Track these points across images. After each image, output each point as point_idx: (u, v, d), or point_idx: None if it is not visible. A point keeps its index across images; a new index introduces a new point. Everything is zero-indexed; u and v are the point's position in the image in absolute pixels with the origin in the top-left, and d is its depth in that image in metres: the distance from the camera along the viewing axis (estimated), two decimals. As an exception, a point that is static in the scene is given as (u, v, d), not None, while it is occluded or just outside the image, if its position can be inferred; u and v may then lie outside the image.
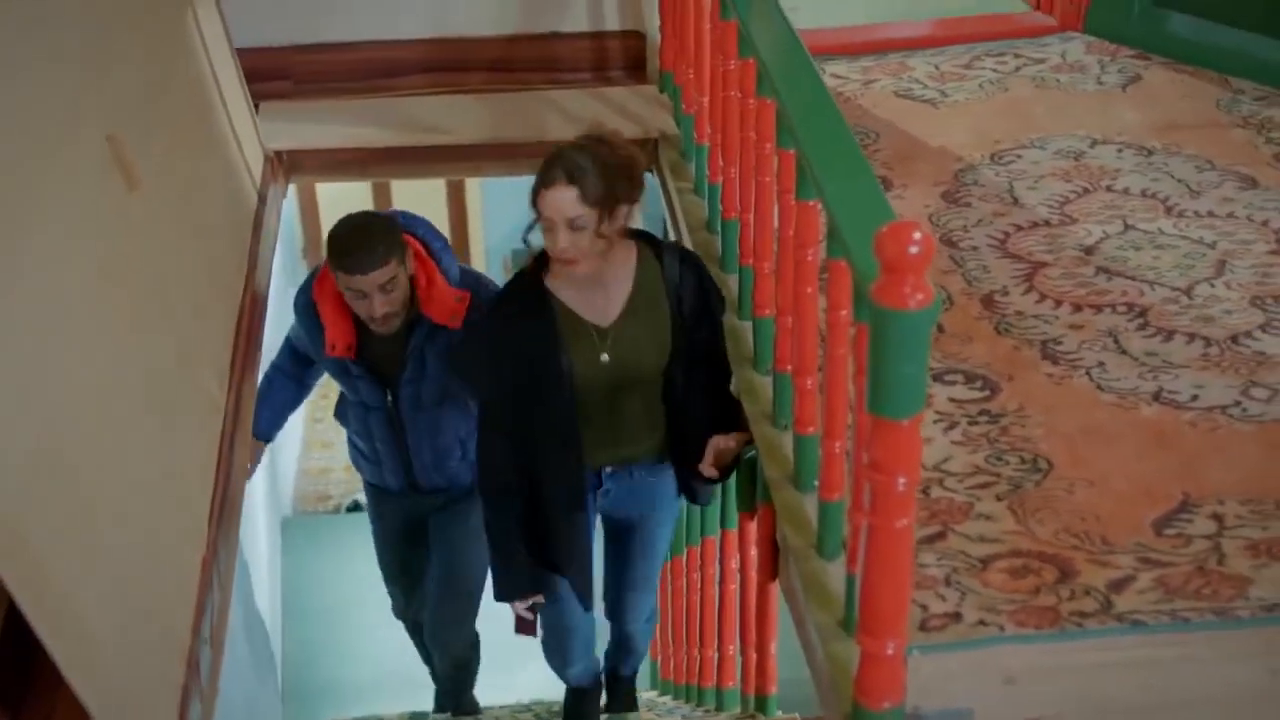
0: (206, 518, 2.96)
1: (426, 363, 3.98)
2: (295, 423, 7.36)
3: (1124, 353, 3.36)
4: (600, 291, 3.39)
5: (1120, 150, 4.26)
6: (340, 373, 4.08)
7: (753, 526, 3.45)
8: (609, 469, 3.63)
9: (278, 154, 4.62)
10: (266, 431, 4.34)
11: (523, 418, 3.46)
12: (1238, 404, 3.18)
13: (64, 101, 2.79)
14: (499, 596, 3.70)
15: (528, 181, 3.27)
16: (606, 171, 3.18)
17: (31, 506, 2.16)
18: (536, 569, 3.64)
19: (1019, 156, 4.25)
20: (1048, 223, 3.91)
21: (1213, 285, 3.60)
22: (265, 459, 4.75)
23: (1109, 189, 4.06)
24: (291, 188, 4.92)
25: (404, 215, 3.94)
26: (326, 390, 5.10)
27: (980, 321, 3.50)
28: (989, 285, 3.63)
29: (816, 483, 2.77)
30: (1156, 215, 3.91)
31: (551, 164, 3.18)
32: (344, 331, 3.91)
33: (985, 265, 3.72)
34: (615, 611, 4.15)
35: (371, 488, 4.55)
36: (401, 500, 4.44)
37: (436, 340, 3.93)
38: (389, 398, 4.09)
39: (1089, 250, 3.77)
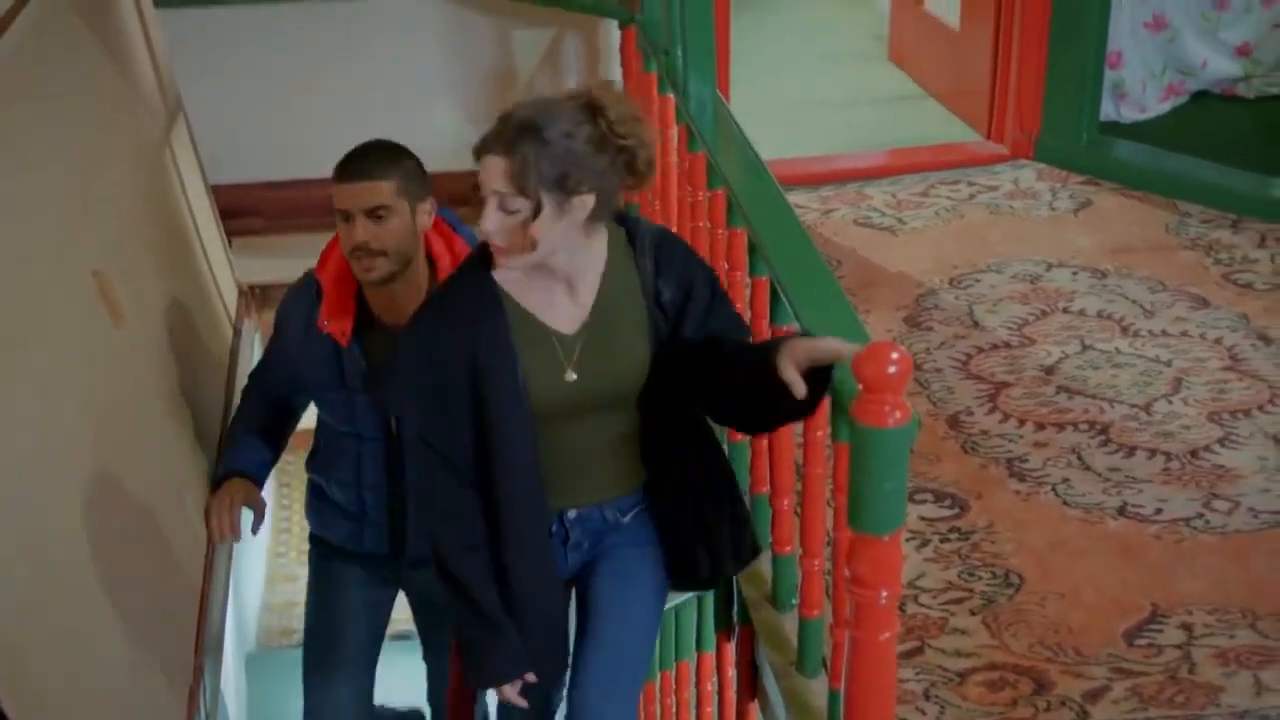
0: (193, 646, 2.98)
1: None
2: (258, 555, 7.34)
3: (1088, 469, 3.45)
4: (562, 289, 2.63)
5: (1075, 273, 4.38)
6: (331, 384, 3.25)
7: (730, 648, 3.49)
8: (572, 512, 2.79)
9: (251, 288, 4.69)
10: (256, 471, 3.44)
11: (464, 457, 2.69)
12: (1200, 516, 3.26)
13: (52, 239, 2.87)
14: (484, 680, 2.81)
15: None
16: (572, 153, 2.44)
17: (28, 633, 2.19)
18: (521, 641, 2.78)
19: (977, 280, 4.36)
20: (1008, 344, 4.01)
21: (1170, 402, 3.70)
22: (230, 593, 3.84)
23: (1066, 310, 4.17)
24: (264, 321, 4.99)
25: (453, 216, 3.29)
26: (291, 524, 4.89)
27: (947, 441, 3.58)
28: (954, 406, 3.72)
29: (795, 601, 2.83)
30: (1113, 335, 4.02)
31: (501, 122, 2.46)
32: (344, 308, 3.19)
33: (949, 386, 3.81)
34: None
35: (330, 552, 3.50)
36: (373, 569, 3.48)
37: None
38: (392, 422, 3.26)
39: (1049, 370, 3.86)
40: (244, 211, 4.88)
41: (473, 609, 2.73)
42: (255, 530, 3.37)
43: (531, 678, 2.78)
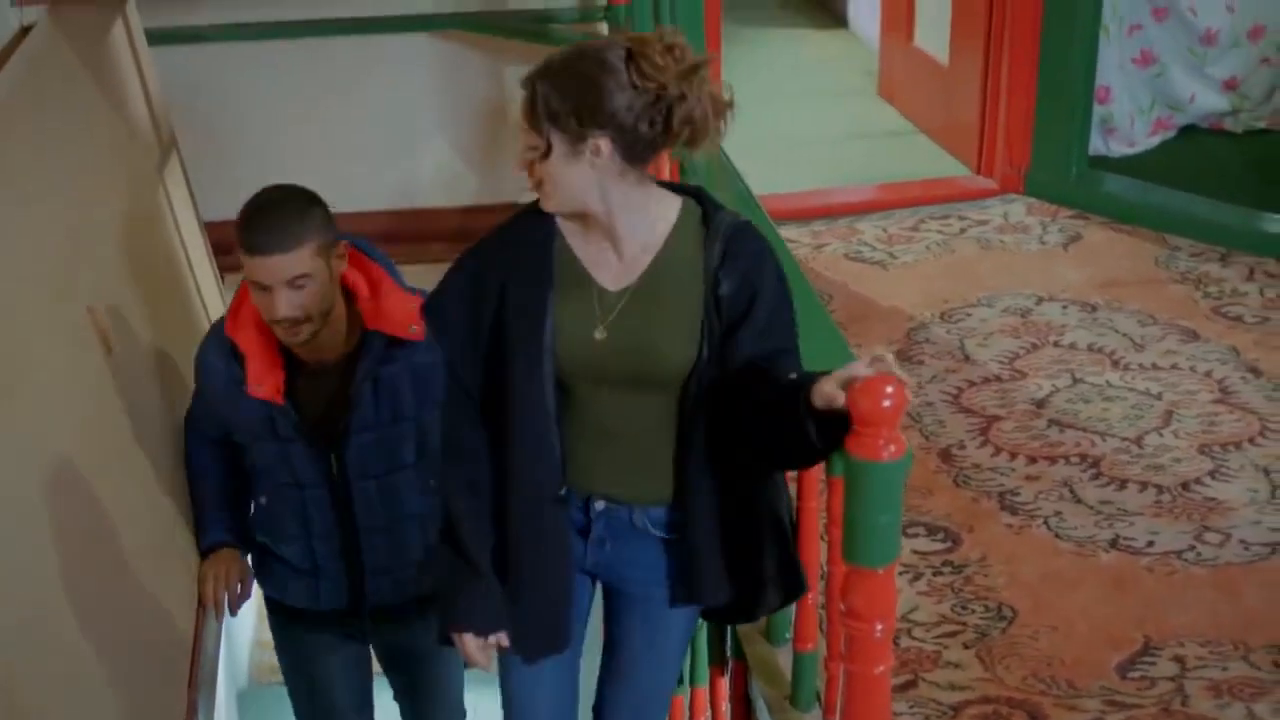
0: (186, 682, 2.98)
1: (381, 398, 3.02)
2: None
3: (1080, 502, 3.46)
4: (610, 247, 2.47)
5: (1065, 307, 4.39)
6: (264, 436, 3.06)
7: (724, 682, 3.49)
8: (599, 503, 2.58)
9: (243, 324, 4.68)
10: (238, 538, 3.25)
11: (491, 401, 2.53)
12: (1192, 548, 3.27)
13: (47, 275, 2.89)
14: (449, 625, 2.61)
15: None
16: (586, 87, 2.29)
17: (21, 670, 2.19)
18: (503, 601, 2.59)
19: (968, 314, 4.38)
20: (999, 378, 4.02)
21: (1161, 435, 3.71)
22: (222, 629, 3.50)
23: (1056, 344, 4.18)
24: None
25: (357, 239, 3.11)
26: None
27: (939, 475, 3.59)
28: (946, 439, 3.73)
29: (789, 635, 2.83)
30: (1104, 368, 4.04)
31: (537, 68, 2.36)
32: (271, 365, 3.00)
33: (941, 420, 3.82)
34: None
35: (290, 616, 3.34)
36: (337, 627, 3.30)
37: (394, 363, 3.01)
38: (332, 464, 3.07)
39: (1040, 404, 3.88)
40: (237, 247, 4.89)
41: (454, 549, 2.57)
42: (235, 612, 3.24)
43: (504, 641, 2.60)
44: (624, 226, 2.42)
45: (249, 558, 3.28)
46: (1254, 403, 3.83)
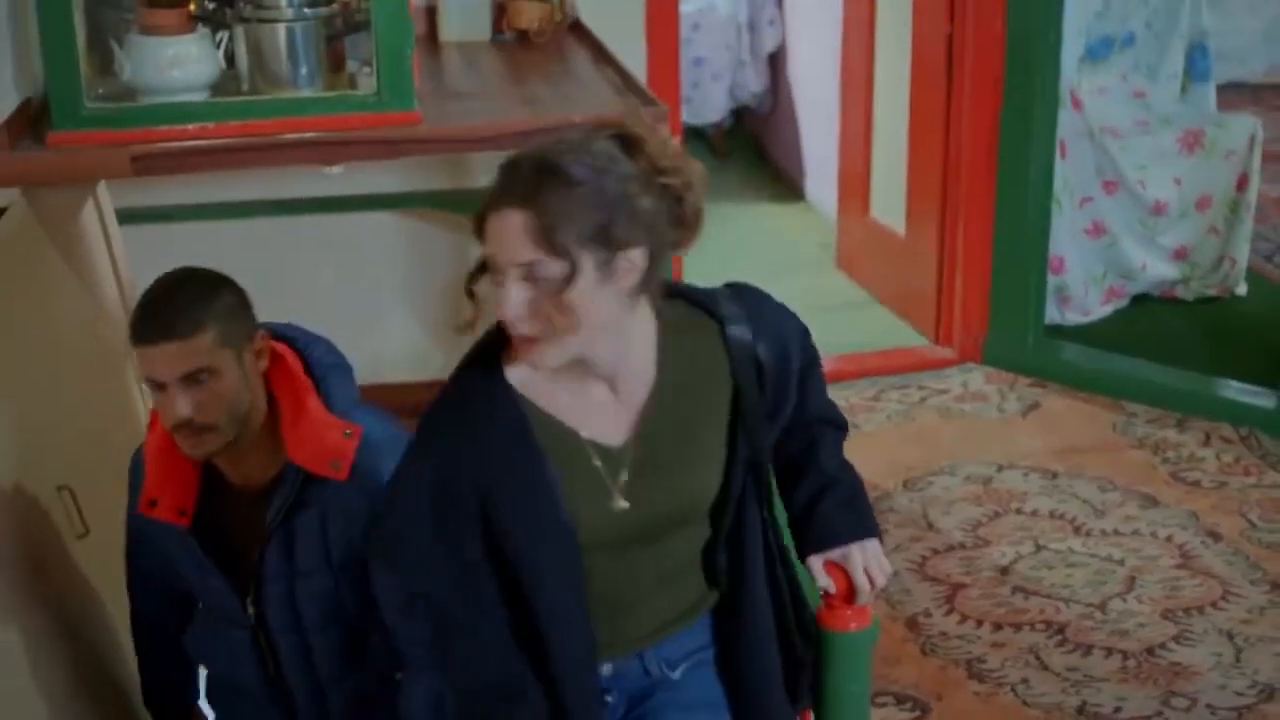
0: None
1: (293, 545, 2.50)
2: None
3: (1046, 668, 3.48)
4: (603, 389, 2.04)
5: (1026, 474, 4.44)
6: (181, 560, 2.58)
7: None
8: (606, 667, 2.17)
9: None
10: (194, 699, 2.85)
11: (493, 606, 2.08)
12: (1160, 714, 3.29)
13: (17, 457, 2.90)
14: None
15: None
16: (612, 194, 1.89)
17: None
18: None
19: (931, 483, 4.42)
20: (963, 545, 4.05)
21: (1125, 600, 3.74)
22: None
23: (1019, 511, 4.22)
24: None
25: (290, 327, 2.66)
26: None
27: (906, 643, 3.60)
28: (912, 608, 3.75)
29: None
30: (1066, 535, 4.08)
31: (510, 169, 1.91)
32: (179, 479, 2.51)
33: (907, 589, 3.84)
34: None
35: None
36: None
37: (311, 505, 2.48)
38: (249, 609, 2.55)
39: (1005, 570, 3.91)
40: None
41: None
42: None
43: None
44: (625, 359, 2.01)
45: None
46: (1215, 567, 3.88)
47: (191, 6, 3.52)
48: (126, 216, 4.47)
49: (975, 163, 5.03)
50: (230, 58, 3.53)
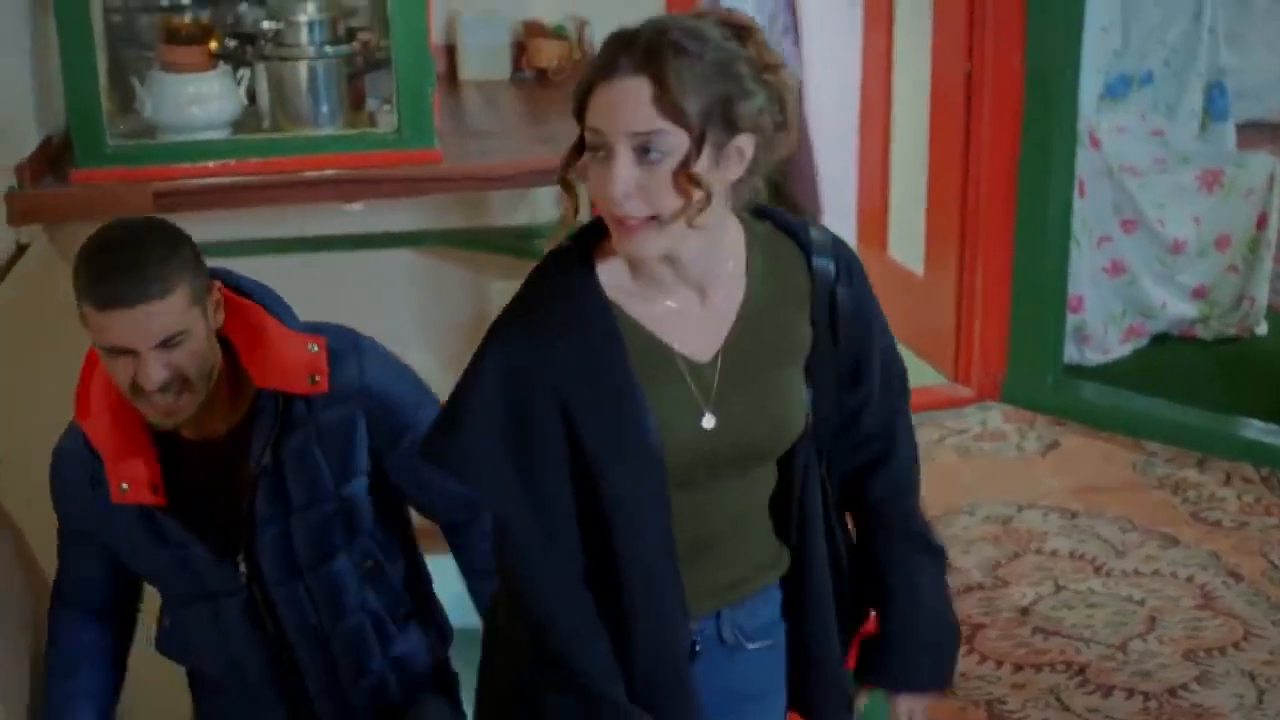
0: None
1: (288, 478, 2.33)
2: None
3: (1067, 709, 3.45)
4: (695, 298, 1.91)
5: (1046, 514, 4.42)
6: (148, 544, 2.37)
7: None
8: (699, 616, 2.00)
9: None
10: None
11: (570, 539, 1.91)
12: (1182, 757, 3.26)
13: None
14: None
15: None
16: (728, 71, 1.77)
17: None
18: None
19: (950, 523, 4.40)
20: (983, 585, 4.03)
21: (1146, 641, 3.72)
22: None
23: (1038, 551, 4.20)
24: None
25: (225, 271, 2.41)
26: None
27: (926, 683, 3.58)
28: (931, 647, 3.73)
29: None
30: (1086, 575, 4.05)
31: (618, 39, 1.78)
32: (138, 455, 2.30)
33: (926, 628, 3.82)
34: None
35: None
36: None
37: (297, 429, 2.33)
38: (240, 566, 2.38)
39: (1025, 611, 3.88)
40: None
41: None
42: None
43: None
44: (715, 259, 1.89)
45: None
46: (1236, 608, 3.85)
47: (213, 44, 3.55)
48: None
49: (994, 201, 5.03)
50: (251, 95, 3.56)
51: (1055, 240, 5.01)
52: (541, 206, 4.87)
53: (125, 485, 2.29)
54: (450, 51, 4.46)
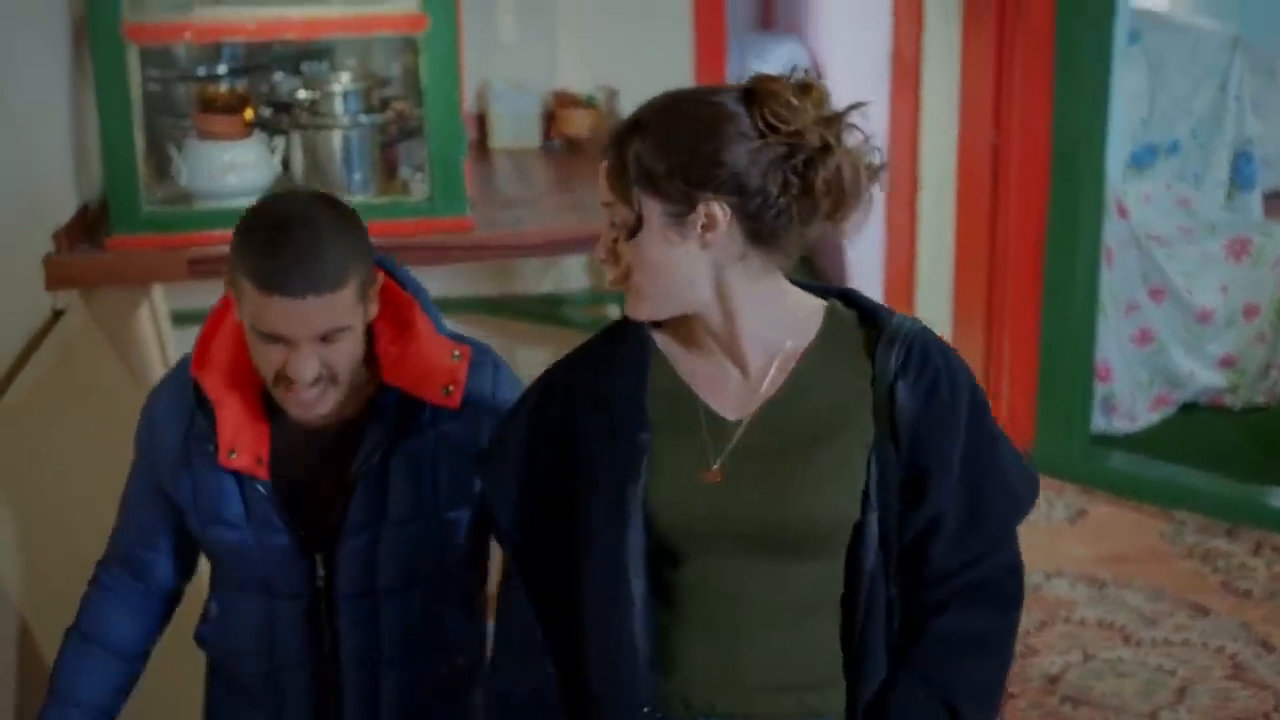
0: None
1: (396, 483, 2.17)
2: None
3: (1097, 780, 3.43)
4: (729, 362, 1.87)
5: (1074, 582, 4.41)
6: (227, 520, 2.20)
7: None
8: (700, 709, 1.86)
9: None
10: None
11: (562, 578, 1.89)
12: (1213, 829, 3.24)
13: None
14: None
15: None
16: (694, 140, 1.76)
17: None
18: None
19: (978, 590, 4.39)
20: (1011, 654, 4.01)
21: (1176, 711, 3.70)
22: None
23: (1067, 620, 4.19)
24: None
25: (388, 259, 2.28)
26: None
27: (955, 753, 3.56)
28: (960, 716, 3.71)
29: None
30: (1115, 644, 4.03)
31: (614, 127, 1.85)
32: (250, 423, 2.16)
33: (954, 697, 3.80)
34: None
35: None
36: None
37: (419, 434, 2.17)
38: (318, 570, 2.20)
39: (1053, 680, 3.87)
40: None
41: None
42: None
43: None
44: (749, 329, 1.84)
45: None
46: (1268, 678, 3.83)
47: (249, 113, 3.59)
48: (179, 318, 4.53)
49: (1021, 269, 5.04)
50: (286, 163, 3.60)
51: (1083, 309, 5.02)
52: (569, 274, 4.91)
53: (235, 450, 2.13)
54: (481, 120, 4.50)
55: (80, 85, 3.62)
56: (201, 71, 3.79)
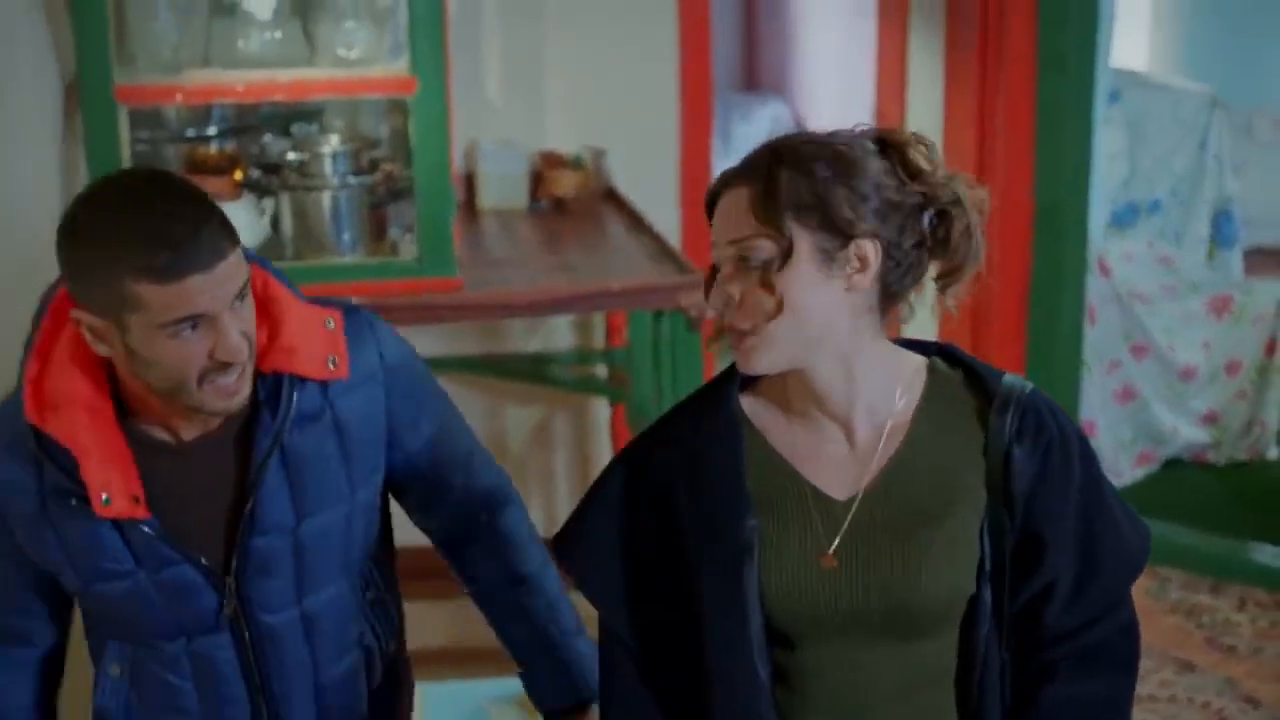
0: None
1: (297, 478, 1.98)
2: None
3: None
4: (837, 430, 1.76)
5: (1060, 638, 4.41)
6: (114, 573, 1.95)
7: None
8: None
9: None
10: None
11: (670, 667, 1.81)
12: None
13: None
14: None
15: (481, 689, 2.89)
16: (846, 179, 1.67)
17: None
18: None
19: (964, 647, 4.39)
20: (998, 711, 4.01)
21: (1163, 768, 3.70)
22: None
23: (1054, 676, 4.18)
24: None
25: None
26: None
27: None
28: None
29: None
30: (1102, 701, 4.03)
31: (750, 153, 1.72)
32: (115, 460, 1.89)
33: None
34: None
35: None
36: None
37: (312, 420, 1.98)
38: (225, 595, 1.97)
39: (1041, 737, 3.86)
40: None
41: None
42: None
43: None
44: (865, 393, 1.74)
45: None
46: (1253, 735, 3.83)
47: (238, 174, 3.61)
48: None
49: (1005, 327, 5.07)
50: (275, 223, 3.61)
51: (1066, 366, 5.04)
52: (557, 334, 4.94)
53: (109, 498, 1.87)
54: (469, 180, 4.53)
55: (70, 144, 3.63)
56: (191, 133, 3.81)
